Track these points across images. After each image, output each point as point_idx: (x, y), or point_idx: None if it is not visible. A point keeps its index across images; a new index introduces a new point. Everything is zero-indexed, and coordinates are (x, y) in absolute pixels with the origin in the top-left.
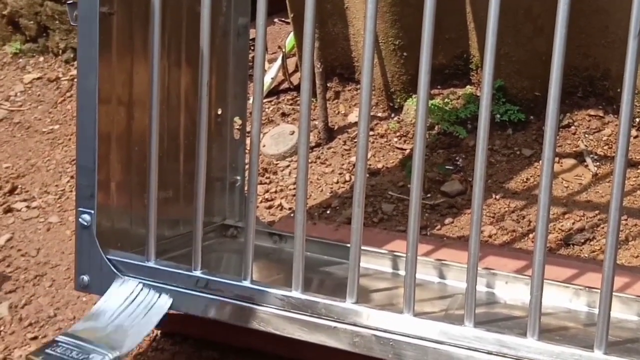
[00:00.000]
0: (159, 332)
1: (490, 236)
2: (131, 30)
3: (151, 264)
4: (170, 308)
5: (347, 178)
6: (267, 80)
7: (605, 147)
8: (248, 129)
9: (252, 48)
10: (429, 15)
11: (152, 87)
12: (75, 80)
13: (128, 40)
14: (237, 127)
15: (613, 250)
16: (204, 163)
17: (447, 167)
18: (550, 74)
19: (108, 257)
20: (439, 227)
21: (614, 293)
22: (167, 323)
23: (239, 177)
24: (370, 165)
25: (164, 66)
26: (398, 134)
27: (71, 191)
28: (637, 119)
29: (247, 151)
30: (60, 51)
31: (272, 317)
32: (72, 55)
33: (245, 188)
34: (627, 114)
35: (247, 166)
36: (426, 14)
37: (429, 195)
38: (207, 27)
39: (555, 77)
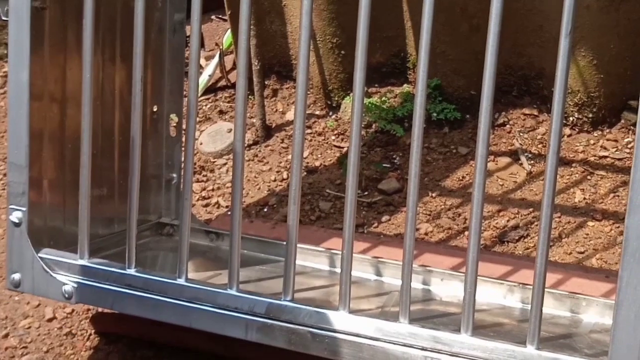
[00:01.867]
0: (92, 331)
1: (426, 234)
2: (64, 25)
3: (84, 262)
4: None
5: (285, 176)
6: (205, 77)
7: (540, 146)
8: (184, 126)
9: (188, 44)
10: (364, 14)
11: (84, 83)
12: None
13: (61, 35)
14: (173, 124)
15: (545, 247)
16: (138, 160)
17: (384, 165)
18: (483, 72)
19: (40, 255)
20: (376, 224)
21: (547, 289)
22: (101, 322)
23: (175, 175)
24: (308, 163)
25: (98, 62)
26: (336, 132)
27: (3, 189)
28: (571, 118)
29: (183, 148)
30: None
31: (208, 316)
32: (5, 52)
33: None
34: (558, 113)
35: (183, 164)
36: (361, 12)
37: (366, 193)
38: (140, 23)
39: (489, 74)
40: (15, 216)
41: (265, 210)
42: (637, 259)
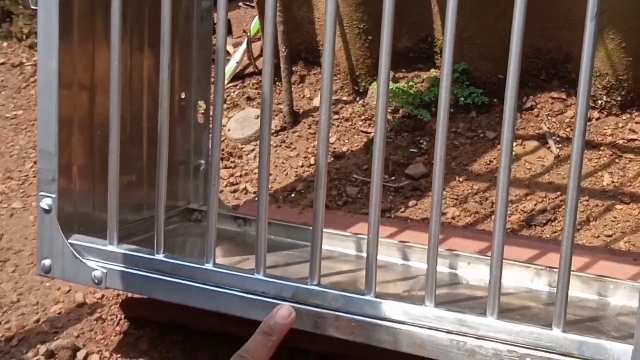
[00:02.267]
0: (122, 316)
1: (453, 218)
2: (93, 14)
3: (113, 248)
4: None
5: (312, 162)
6: (232, 64)
7: (568, 129)
8: (212, 112)
9: (216, 32)
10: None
11: (112, 71)
12: None
13: (89, 24)
14: (201, 111)
15: (571, 230)
16: (166, 147)
17: (411, 150)
18: (509, 55)
19: (70, 241)
20: (402, 209)
21: (574, 273)
22: (131, 307)
23: (203, 161)
24: (335, 148)
25: (126, 50)
26: (363, 117)
27: (34, 177)
28: (600, 101)
29: (211, 135)
30: (24, 36)
31: (235, 300)
32: (35, 41)
33: None
34: (584, 96)
35: (210, 150)
36: None
37: (393, 178)
38: (168, 10)
39: (514, 58)
40: (46, 203)
41: (293, 195)
42: None
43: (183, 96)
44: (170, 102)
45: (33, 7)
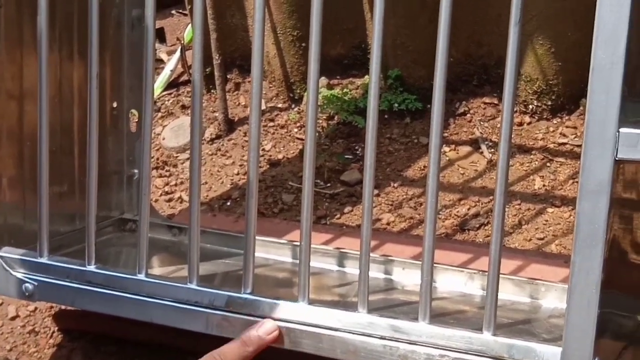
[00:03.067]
0: (55, 328)
1: (388, 224)
2: (20, 22)
3: (44, 259)
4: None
5: None
6: (167, 72)
7: (500, 134)
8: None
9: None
10: (317, 3)
11: (40, 79)
12: None
13: (17, 32)
14: (135, 120)
15: (499, 233)
16: (95, 157)
17: (346, 156)
18: (435, 61)
19: (0, 254)
20: (338, 216)
21: (507, 276)
22: (64, 319)
23: (136, 171)
24: (270, 156)
25: (56, 59)
26: (298, 124)
27: None
28: (531, 106)
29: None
30: None
31: (168, 310)
32: None
33: None
34: (509, 101)
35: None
36: (314, 3)
37: (328, 184)
38: (95, 19)
39: (440, 62)
40: None
41: (229, 203)
42: (589, 243)
43: (115, 105)
44: (102, 111)
45: None
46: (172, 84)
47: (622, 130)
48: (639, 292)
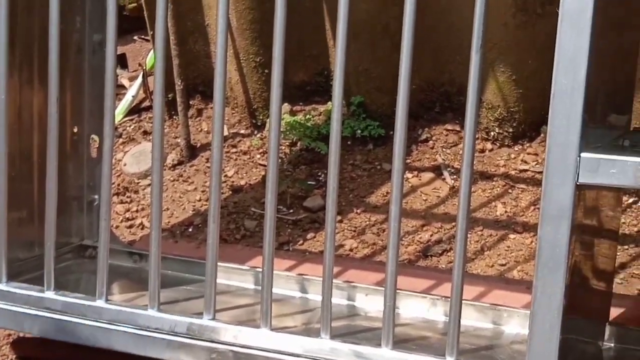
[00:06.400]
0: (14, 356)
1: (351, 250)
2: None
3: (2, 286)
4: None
5: None
6: (129, 98)
7: (462, 161)
8: None
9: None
10: (280, 30)
11: None
12: None
13: None
14: (95, 145)
15: (461, 259)
16: (54, 182)
17: (309, 182)
18: (398, 87)
19: None
20: (301, 242)
21: (470, 302)
22: (23, 347)
23: (96, 196)
24: (233, 182)
25: (15, 85)
26: (261, 150)
27: None
28: (492, 133)
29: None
30: None
31: (129, 337)
32: None
33: None
34: (471, 127)
35: None
36: (276, 29)
37: (291, 210)
38: (55, 43)
39: (403, 87)
40: None
41: (190, 230)
42: (550, 268)
43: (75, 130)
44: (62, 136)
45: None
46: (134, 110)
47: (583, 155)
48: (600, 318)
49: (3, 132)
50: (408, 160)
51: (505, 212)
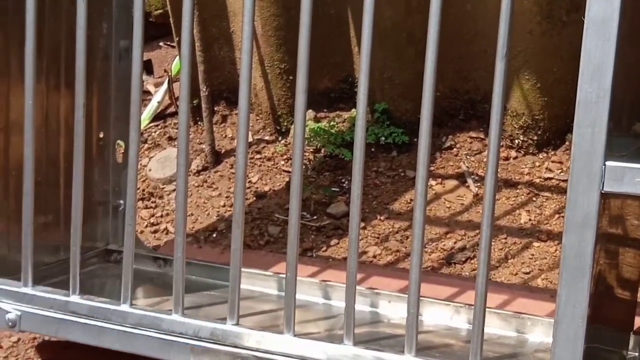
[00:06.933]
0: (39, 359)
1: (374, 256)
2: (7, 53)
3: (27, 289)
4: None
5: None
6: (154, 104)
7: (486, 168)
8: None
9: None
10: (305, 37)
11: (26, 110)
12: None
13: (4, 64)
14: (121, 151)
15: (485, 267)
16: (80, 187)
17: (333, 189)
18: (423, 94)
19: None
20: (324, 248)
21: (493, 310)
22: (48, 350)
23: (122, 202)
24: (257, 188)
25: (42, 90)
26: (285, 157)
27: None
28: (517, 140)
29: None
30: None
31: (152, 341)
32: None
33: None
34: (495, 135)
35: None
36: (302, 36)
37: (315, 217)
38: (82, 48)
39: (427, 94)
40: None
41: (214, 235)
42: (575, 277)
43: (101, 135)
44: (88, 142)
45: None
46: (159, 116)
47: (609, 163)
48: (624, 327)
49: (30, 137)
50: (432, 168)
51: (530, 220)
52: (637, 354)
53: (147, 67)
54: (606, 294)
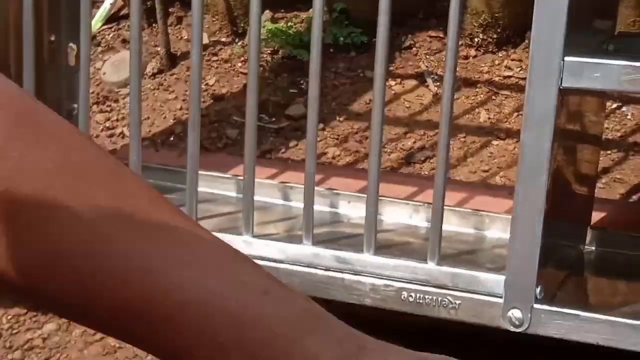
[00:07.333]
0: None
1: (334, 157)
2: None
3: None
4: None
5: None
6: (106, 5)
7: (445, 67)
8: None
9: None
10: None
11: None
12: None
13: None
14: (74, 54)
15: (444, 166)
16: (32, 91)
17: (291, 90)
18: None
19: None
20: (283, 150)
21: (452, 208)
22: None
23: (76, 105)
24: (214, 90)
25: None
26: (242, 58)
27: None
28: (476, 39)
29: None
30: None
31: None
32: None
33: None
34: (454, 34)
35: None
36: None
37: (273, 119)
38: None
39: None
40: None
41: (172, 139)
42: (533, 173)
43: (53, 38)
44: (39, 44)
45: None
46: (113, 18)
47: (567, 59)
48: (582, 222)
49: None
50: (391, 68)
51: (489, 118)
52: (594, 247)
53: None
54: (564, 190)
